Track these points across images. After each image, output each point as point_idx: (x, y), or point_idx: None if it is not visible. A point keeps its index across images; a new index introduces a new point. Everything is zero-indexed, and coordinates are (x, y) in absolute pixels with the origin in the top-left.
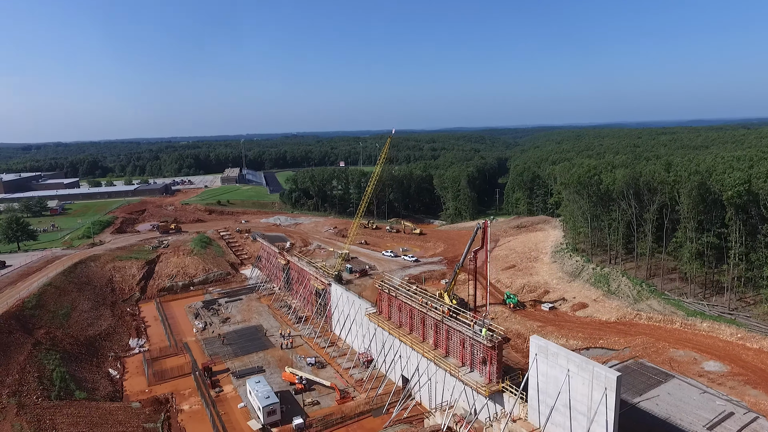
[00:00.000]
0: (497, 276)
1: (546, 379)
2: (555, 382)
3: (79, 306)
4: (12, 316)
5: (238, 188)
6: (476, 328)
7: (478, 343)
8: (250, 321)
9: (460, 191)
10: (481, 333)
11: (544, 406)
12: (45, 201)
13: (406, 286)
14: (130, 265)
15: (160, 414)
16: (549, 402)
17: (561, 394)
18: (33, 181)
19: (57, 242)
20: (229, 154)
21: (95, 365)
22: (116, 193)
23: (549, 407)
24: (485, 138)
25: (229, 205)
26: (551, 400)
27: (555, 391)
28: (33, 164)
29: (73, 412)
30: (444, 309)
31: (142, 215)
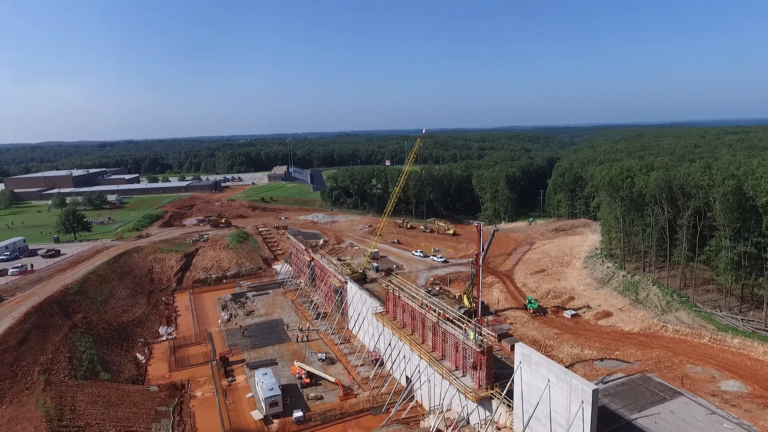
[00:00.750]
0: (524, 280)
1: (529, 388)
2: (536, 392)
3: (118, 293)
4: (54, 300)
5: (283, 185)
6: (467, 332)
7: (469, 347)
8: (272, 315)
9: (498, 192)
10: (470, 337)
11: (527, 415)
12: (105, 195)
13: (409, 286)
14: (170, 257)
15: (174, 399)
16: (531, 411)
17: (541, 405)
18: (99, 176)
19: (109, 234)
20: (278, 152)
21: (124, 349)
22: (170, 188)
23: (536, 418)
24: (539, 137)
25: (272, 202)
26: (532, 409)
27: (536, 400)
28: (102, 161)
29: (93, 391)
30: (439, 311)
31: (190, 210)
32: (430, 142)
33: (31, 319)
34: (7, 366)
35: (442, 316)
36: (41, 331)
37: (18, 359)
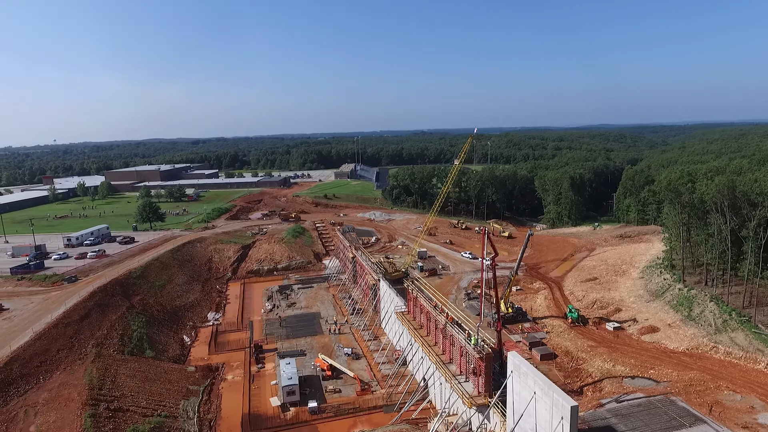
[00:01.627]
0: (573, 288)
1: (519, 399)
2: (524, 403)
3: (176, 279)
4: (118, 283)
5: (348, 183)
6: (469, 337)
7: (470, 352)
8: (312, 308)
9: (561, 194)
10: (470, 342)
11: (517, 426)
12: (184, 189)
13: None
14: (228, 248)
15: (206, 380)
16: (519, 422)
17: (528, 417)
18: (183, 171)
19: (180, 224)
20: (350, 150)
21: (173, 331)
22: (243, 183)
23: (521, 429)
24: (626, 136)
25: (334, 199)
26: (521, 420)
27: (523, 412)
28: (190, 156)
29: (135, 366)
30: (448, 314)
31: (257, 205)
32: (503, 141)
33: (95, 298)
34: (67, 338)
35: (450, 318)
36: (102, 309)
37: (77, 332)
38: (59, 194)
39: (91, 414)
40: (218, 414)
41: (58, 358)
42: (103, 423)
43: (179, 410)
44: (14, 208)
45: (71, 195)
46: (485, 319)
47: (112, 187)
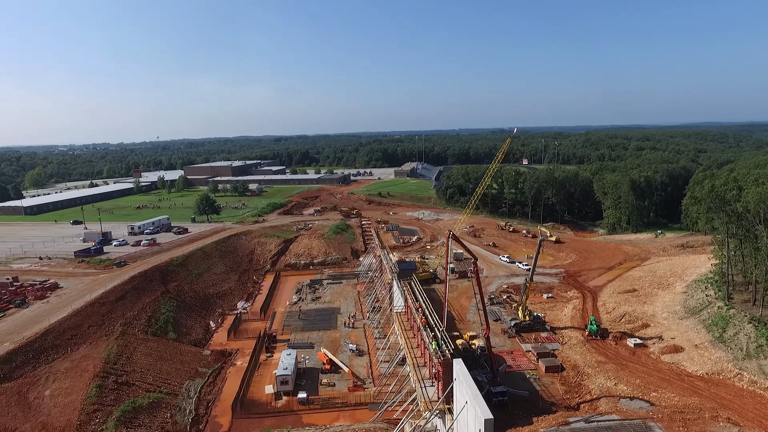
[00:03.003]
0: (606, 299)
1: (458, 406)
2: (460, 410)
3: (214, 269)
4: (157, 269)
5: (406, 182)
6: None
7: (432, 357)
8: (334, 303)
9: (621, 198)
10: (431, 347)
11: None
12: (248, 184)
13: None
14: (271, 242)
15: (217, 364)
16: (458, 427)
17: (462, 423)
18: (253, 167)
19: (234, 218)
20: (416, 148)
21: (201, 316)
22: (305, 180)
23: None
24: (728, 136)
25: (388, 197)
26: (458, 426)
27: (460, 419)
28: (263, 153)
29: (153, 346)
30: (422, 317)
31: (313, 201)
32: (580, 141)
33: (134, 282)
34: (100, 316)
35: (423, 322)
36: (138, 292)
37: (110, 312)
38: (143, 186)
39: (99, 384)
40: (218, 396)
41: (87, 333)
42: (106, 393)
43: (182, 389)
44: (104, 198)
45: (153, 187)
46: (500, 326)
47: (189, 181)
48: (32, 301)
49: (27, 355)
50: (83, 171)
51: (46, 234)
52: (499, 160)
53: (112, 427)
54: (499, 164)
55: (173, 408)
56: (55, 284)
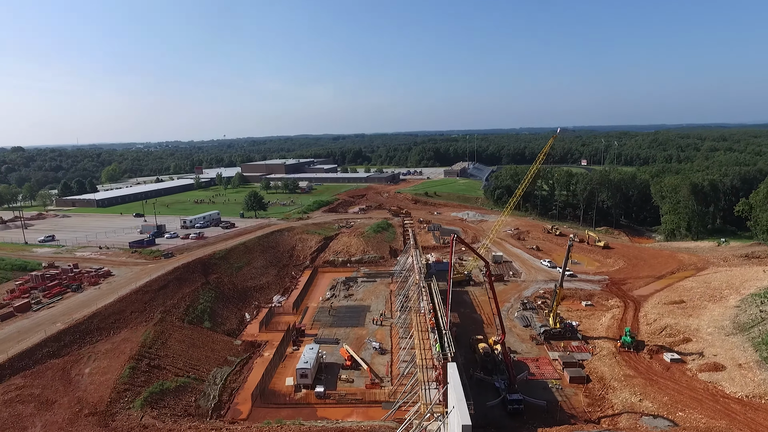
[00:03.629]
0: (649, 309)
1: (450, 410)
2: (450, 415)
3: (254, 263)
4: (200, 262)
5: (455, 181)
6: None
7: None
8: (365, 301)
9: (680, 203)
10: (434, 349)
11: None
12: (298, 182)
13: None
14: (312, 238)
15: (246, 353)
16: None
17: (451, 426)
18: (306, 165)
19: (280, 214)
20: (467, 148)
21: (237, 308)
22: (353, 179)
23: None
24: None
25: (434, 197)
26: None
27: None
28: (318, 152)
29: (187, 333)
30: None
31: (360, 199)
32: (647, 140)
33: (177, 273)
34: (142, 303)
35: (432, 324)
36: (179, 282)
37: (152, 299)
38: (202, 182)
39: (132, 366)
40: (242, 384)
41: (129, 319)
42: (138, 375)
43: (209, 376)
44: (167, 193)
45: (212, 183)
46: (530, 332)
47: (245, 178)
48: (86, 287)
49: (74, 335)
50: (153, 167)
51: (110, 225)
52: (541, 160)
53: (139, 406)
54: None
55: (198, 393)
56: (108, 272)
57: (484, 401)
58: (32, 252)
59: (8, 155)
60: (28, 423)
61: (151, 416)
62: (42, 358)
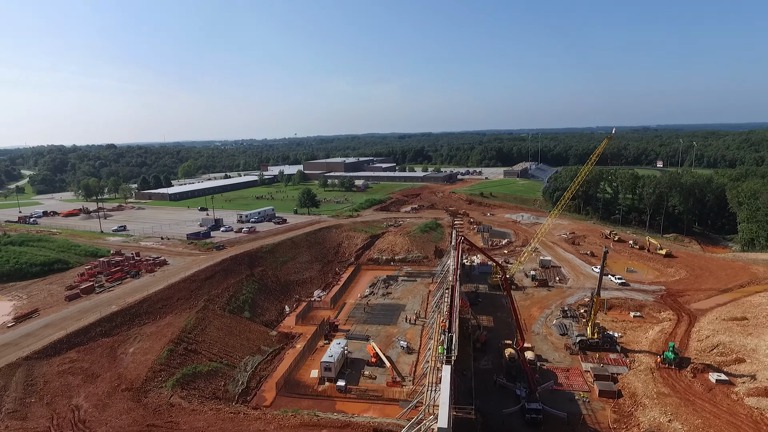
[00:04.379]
0: (705, 325)
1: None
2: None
3: (299, 258)
4: (247, 254)
5: (514, 182)
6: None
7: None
8: (402, 300)
9: (759, 210)
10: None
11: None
12: (354, 180)
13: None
14: (358, 236)
15: (279, 344)
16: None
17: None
18: (365, 164)
19: (332, 211)
20: (533, 147)
21: (278, 300)
22: (410, 178)
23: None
24: None
25: (490, 198)
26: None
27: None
28: (380, 150)
29: (226, 322)
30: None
31: (413, 198)
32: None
33: (224, 264)
34: (189, 291)
35: (443, 326)
36: (225, 273)
37: (198, 288)
38: (265, 179)
39: (170, 349)
40: (271, 373)
41: (175, 305)
42: (175, 357)
43: (241, 363)
44: (232, 188)
45: (275, 180)
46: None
47: (305, 176)
48: (144, 274)
49: (125, 317)
50: (225, 164)
51: (176, 218)
52: (593, 162)
53: (170, 386)
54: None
55: (228, 378)
56: (164, 261)
57: (503, 407)
58: (105, 240)
59: (102, 152)
60: (74, 393)
61: (179, 396)
62: (95, 336)
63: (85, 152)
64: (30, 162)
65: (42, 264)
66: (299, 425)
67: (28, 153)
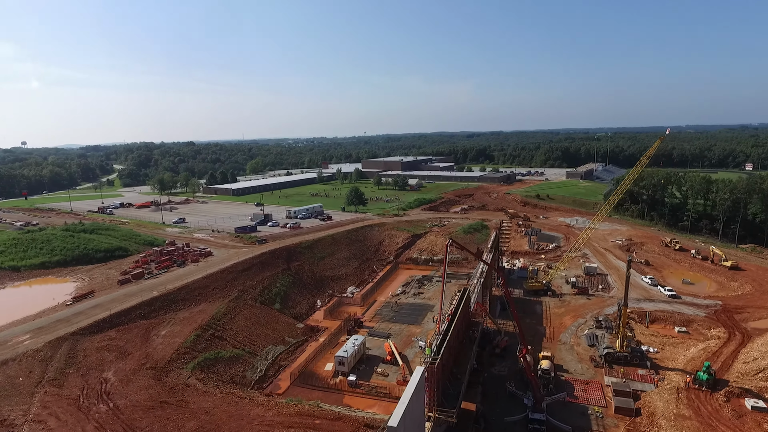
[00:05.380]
0: (757, 346)
1: None
2: None
3: (338, 254)
4: (286, 249)
5: (576, 184)
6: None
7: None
8: (432, 300)
9: None
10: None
11: None
12: (407, 179)
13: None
14: (400, 235)
15: (304, 336)
16: None
17: None
18: (423, 163)
19: (378, 210)
20: (601, 148)
21: (311, 294)
22: (466, 178)
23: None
24: None
25: (546, 200)
26: None
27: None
28: (441, 149)
29: (255, 312)
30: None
31: (466, 199)
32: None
33: (262, 257)
34: (225, 281)
35: (438, 328)
36: (262, 266)
37: (234, 279)
38: (324, 177)
39: (197, 334)
40: (290, 363)
41: (210, 293)
42: (200, 342)
43: (262, 352)
44: (292, 185)
45: (333, 178)
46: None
47: (362, 174)
48: (189, 263)
49: (163, 302)
50: (292, 161)
51: (233, 212)
52: (644, 164)
53: (190, 368)
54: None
55: (248, 365)
56: (209, 252)
57: (509, 415)
58: (164, 231)
59: (181, 149)
60: (105, 367)
61: (197, 378)
62: (134, 318)
63: (167, 149)
64: (121, 157)
65: (105, 250)
66: (295, 414)
67: (121, 149)
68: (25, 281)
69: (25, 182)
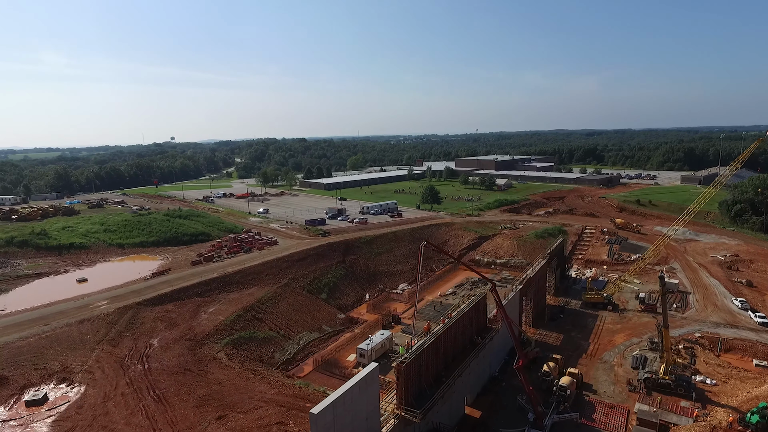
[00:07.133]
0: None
1: None
2: None
3: (396, 251)
4: (344, 243)
5: (690, 190)
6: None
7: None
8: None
9: None
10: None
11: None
12: (495, 179)
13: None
14: (466, 236)
15: (341, 327)
16: None
17: None
18: (519, 162)
19: (454, 209)
20: (735, 148)
21: (361, 288)
22: (561, 179)
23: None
24: None
25: (647, 206)
26: None
27: None
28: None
29: (299, 299)
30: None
31: (555, 201)
32: None
33: (319, 249)
34: (278, 269)
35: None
36: (317, 258)
37: (287, 268)
38: (414, 174)
39: (239, 314)
40: (320, 350)
41: (262, 279)
42: (239, 322)
43: (296, 336)
44: (381, 181)
45: (423, 176)
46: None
47: (453, 172)
48: (254, 250)
49: (220, 283)
50: (392, 158)
51: (316, 205)
52: (737, 167)
53: (223, 344)
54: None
55: (278, 347)
56: (275, 241)
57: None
58: (247, 220)
59: (293, 144)
60: (155, 334)
61: (225, 353)
62: (191, 295)
63: (280, 144)
64: (243, 152)
65: (191, 234)
66: (292, 395)
67: (243, 144)
68: (126, 257)
69: (159, 172)
